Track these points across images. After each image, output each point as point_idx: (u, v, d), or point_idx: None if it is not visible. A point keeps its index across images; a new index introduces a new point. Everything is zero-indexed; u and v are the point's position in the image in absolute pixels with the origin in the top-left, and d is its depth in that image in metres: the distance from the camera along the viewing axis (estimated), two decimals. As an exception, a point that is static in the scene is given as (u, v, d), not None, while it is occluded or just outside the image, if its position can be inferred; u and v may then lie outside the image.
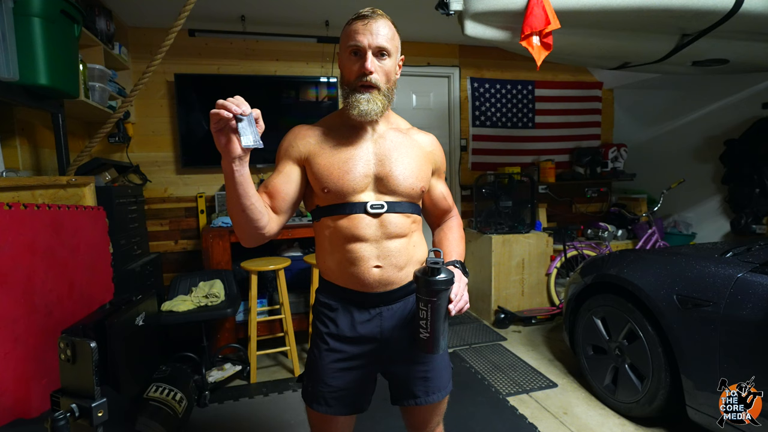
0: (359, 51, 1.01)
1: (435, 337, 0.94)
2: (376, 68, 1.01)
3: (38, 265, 1.55)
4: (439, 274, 0.91)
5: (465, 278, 1.03)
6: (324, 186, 1.05)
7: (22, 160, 2.06)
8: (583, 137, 4.31)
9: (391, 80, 1.06)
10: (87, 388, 0.75)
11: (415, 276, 0.95)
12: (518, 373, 2.56)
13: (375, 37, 1.00)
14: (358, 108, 1.02)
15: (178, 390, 1.97)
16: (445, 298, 0.93)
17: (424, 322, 0.93)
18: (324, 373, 1.10)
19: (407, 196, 1.08)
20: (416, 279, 0.94)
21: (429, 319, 0.93)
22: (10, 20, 1.53)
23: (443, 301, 0.93)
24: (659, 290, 1.86)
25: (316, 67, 3.48)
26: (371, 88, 1.02)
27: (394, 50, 1.04)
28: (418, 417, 1.21)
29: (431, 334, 0.94)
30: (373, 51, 1.00)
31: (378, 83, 1.02)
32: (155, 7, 2.76)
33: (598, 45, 2.28)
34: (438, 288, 0.91)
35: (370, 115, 1.02)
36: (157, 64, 1.99)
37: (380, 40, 1.00)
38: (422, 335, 0.95)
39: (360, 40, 1.00)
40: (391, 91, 1.07)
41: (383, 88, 1.04)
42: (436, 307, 0.92)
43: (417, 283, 0.94)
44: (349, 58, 1.03)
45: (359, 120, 1.04)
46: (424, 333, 0.94)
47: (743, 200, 3.27)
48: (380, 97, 1.03)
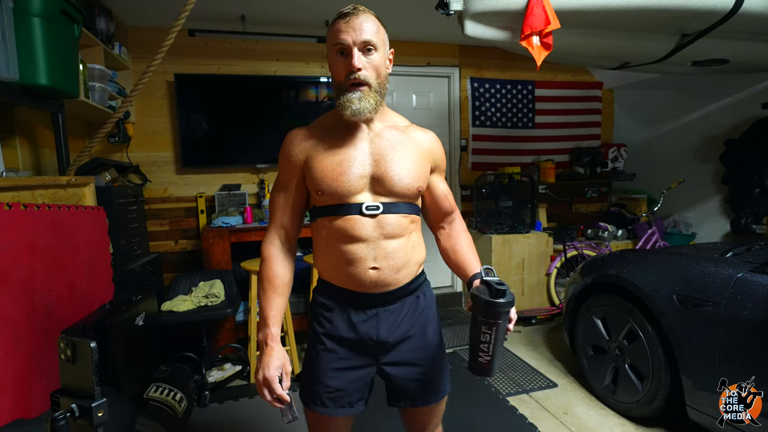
0: (345, 50, 0.99)
1: (494, 359, 0.91)
2: (363, 64, 0.99)
3: (38, 265, 1.55)
4: (504, 296, 0.87)
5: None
6: (318, 188, 1.04)
7: (22, 160, 2.06)
8: (583, 137, 4.31)
9: (381, 75, 1.03)
10: (87, 388, 0.75)
11: (474, 298, 0.91)
12: (518, 373, 2.56)
13: (359, 33, 0.97)
14: (350, 108, 0.99)
15: (178, 390, 1.97)
16: (506, 319, 0.90)
17: (486, 345, 0.89)
18: (321, 374, 1.10)
19: (404, 196, 1.06)
20: (476, 301, 0.90)
21: (492, 342, 0.89)
22: (10, 20, 1.53)
23: (505, 323, 0.90)
24: (659, 290, 1.86)
25: (316, 67, 3.48)
26: (361, 86, 1.00)
27: (380, 44, 1.01)
28: (416, 419, 1.20)
29: (492, 357, 0.90)
30: (358, 47, 0.98)
31: (368, 79, 1.00)
32: (155, 7, 2.76)
33: (598, 45, 2.28)
34: (504, 311, 0.88)
35: (363, 113, 1.00)
36: (157, 64, 1.99)
37: (364, 35, 0.98)
38: (482, 359, 0.91)
39: (344, 38, 0.98)
40: (383, 86, 1.04)
41: (374, 84, 1.01)
42: (500, 330, 0.89)
43: (478, 306, 0.90)
44: (336, 58, 1.01)
45: (353, 119, 1.02)
46: (485, 357, 0.90)
47: (743, 200, 3.27)
48: (372, 94, 1.01)
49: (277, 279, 1.09)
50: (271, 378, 1.00)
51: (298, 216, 1.14)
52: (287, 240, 1.14)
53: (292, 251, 1.15)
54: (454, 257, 1.17)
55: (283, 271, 1.11)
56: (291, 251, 1.15)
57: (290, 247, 1.15)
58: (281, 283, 1.10)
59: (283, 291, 1.10)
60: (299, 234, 1.17)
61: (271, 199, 1.15)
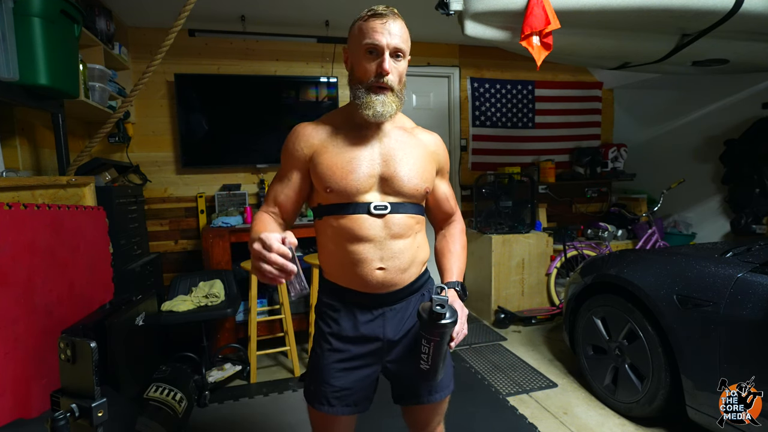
0: (376, 50, 0.99)
1: (435, 368, 0.98)
2: (392, 69, 1.00)
3: (38, 265, 1.55)
4: (445, 318, 0.92)
5: (465, 311, 1.05)
6: (327, 186, 1.04)
7: (22, 160, 2.06)
8: (583, 137, 4.31)
9: (402, 81, 1.04)
10: (87, 388, 0.75)
11: (419, 314, 0.97)
12: (518, 373, 2.56)
13: (393, 37, 0.98)
14: (373, 109, 1.00)
15: (178, 390, 1.97)
16: (447, 336, 0.95)
17: (426, 356, 0.96)
18: (326, 373, 1.10)
19: (411, 196, 1.07)
20: (420, 317, 0.96)
21: (430, 354, 0.96)
22: (10, 20, 1.53)
23: (445, 340, 0.95)
24: (659, 290, 1.86)
25: (316, 67, 3.48)
26: (386, 90, 1.01)
27: (407, 52, 1.03)
28: (419, 416, 1.21)
29: (431, 366, 0.97)
30: (390, 51, 0.99)
31: (393, 84, 1.01)
32: (155, 7, 2.76)
33: (598, 45, 2.28)
34: (441, 331, 0.93)
35: (385, 116, 1.02)
36: (157, 64, 1.99)
37: (397, 41, 0.99)
38: (422, 366, 0.98)
39: (378, 39, 0.97)
40: (402, 92, 1.06)
41: (396, 89, 1.02)
42: (438, 345, 0.95)
43: (420, 321, 0.96)
44: (364, 56, 1.00)
45: (373, 121, 1.02)
46: (424, 365, 0.98)
47: (743, 200, 3.27)
48: (394, 99, 1.02)
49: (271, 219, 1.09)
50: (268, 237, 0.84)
51: (294, 204, 1.13)
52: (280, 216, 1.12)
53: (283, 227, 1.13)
54: (440, 260, 1.20)
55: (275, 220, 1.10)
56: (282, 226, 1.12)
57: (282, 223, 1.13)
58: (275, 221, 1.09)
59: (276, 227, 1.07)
60: (292, 222, 1.16)
61: (268, 188, 1.15)
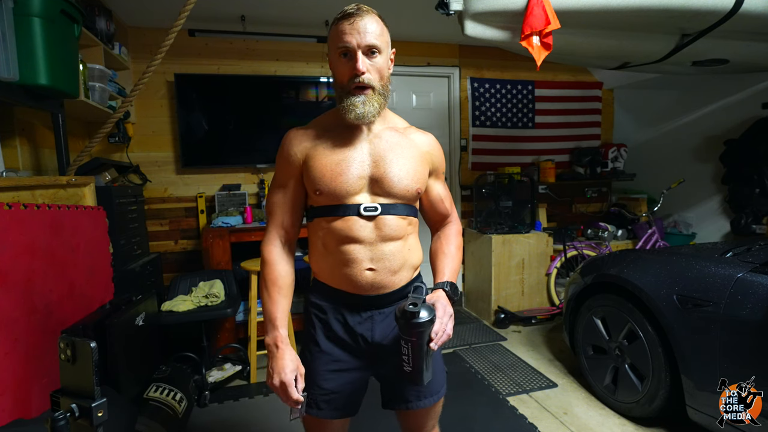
0: (348, 52, 0.97)
1: (418, 370, 0.96)
2: (367, 67, 0.98)
3: (38, 265, 1.55)
4: (418, 317, 0.91)
5: (450, 310, 1.02)
6: (316, 188, 1.03)
7: (22, 160, 2.06)
8: (583, 137, 4.31)
9: (384, 77, 1.02)
10: (87, 388, 0.75)
11: (395, 314, 0.96)
12: (518, 373, 2.56)
13: (363, 35, 0.96)
14: (354, 112, 0.99)
15: (178, 390, 1.97)
16: (424, 336, 0.94)
17: (407, 357, 0.95)
18: (316, 376, 1.09)
19: (402, 198, 1.05)
20: (396, 318, 0.95)
21: (410, 355, 0.95)
22: (10, 20, 1.53)
23: (423, 340, 0.94)
24: (659, 290, 1.86)
25: (316, 67, 3.48)
26: (366, 89, 0.99)
27: (384, 46, 1.00)
28: (411, 421, 1.20)
29: (413, 368, 0.96)
30: (363, 50, 0.97)
31: (372, 82, 0.99)
32: (155, 7, 2.76)
33: (598, 45, 2.28)
34: (416, 330, 0.92)
35: (368, 117, 1.00)
36: (157, 64, 1.99)
37: (369, 38, 0.96)
38: (405, 368, 0.97)
39: (348, 40, 0.96)
40: (386, 88, 1.04)
41: (377, 86, 1.00)
42: (417, 345, 0.94)
43: (397, 322, 0.95)
44: (339, 60, 0.99)
45: (357, 123, 1.02)
46: (407, 366, 0.97)
47: (743, 200, 3.27)
48: (376, 97, 1.00)
49: (281, 280, 1.09)
50: (288, 382, 1.00)
51: (297, 215, 1.13)
52: (287, 240, 1.13)
53: (292, 251, 1.14)
54: (434, 261, 1.18)
55: (286, 272, 1.10)
56: (291, 251, 1.14)
57: (291, 247, 1.14)
58: (285, 284, 1.09)
59: (287, 292, 1.09)
60: (299, 233, 1.16)
61: (268, 200, 1.14)
